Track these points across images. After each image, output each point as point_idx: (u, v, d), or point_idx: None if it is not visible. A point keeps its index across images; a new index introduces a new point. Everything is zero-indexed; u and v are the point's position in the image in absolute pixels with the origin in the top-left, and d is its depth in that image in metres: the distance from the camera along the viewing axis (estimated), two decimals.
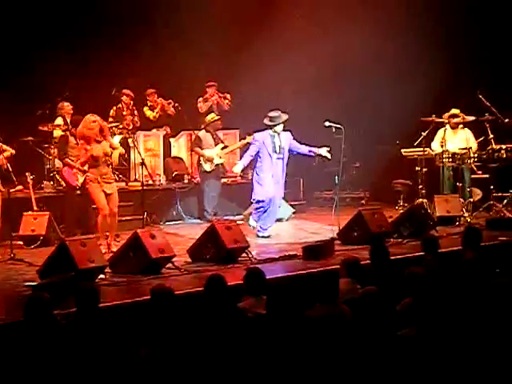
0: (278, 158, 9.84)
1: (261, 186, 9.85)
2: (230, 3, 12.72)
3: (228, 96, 12.74)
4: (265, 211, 9.84)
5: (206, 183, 11.66)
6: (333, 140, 9.89)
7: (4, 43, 11.56)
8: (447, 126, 11.37)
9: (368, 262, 6.92)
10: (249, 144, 11.93)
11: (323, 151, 9.87)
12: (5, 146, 8.78)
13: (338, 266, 6.49)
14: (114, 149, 9.04)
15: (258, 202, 9.86)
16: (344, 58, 12.59)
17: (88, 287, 5.50)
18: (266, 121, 9.83)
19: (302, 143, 10.02)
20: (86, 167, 8.89)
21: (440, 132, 11.42)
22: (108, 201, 8.75)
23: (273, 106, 10.31)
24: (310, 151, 9.94)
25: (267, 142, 9.80)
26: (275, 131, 9.80)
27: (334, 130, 9.77)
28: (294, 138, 9.96)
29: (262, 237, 9.72)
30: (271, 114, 9.83)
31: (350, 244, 9.04)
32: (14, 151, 8.85)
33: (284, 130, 9.91)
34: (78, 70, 12.02)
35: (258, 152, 9.83)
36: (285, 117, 9.82)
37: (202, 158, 11.61)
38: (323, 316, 5.03)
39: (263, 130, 9.89)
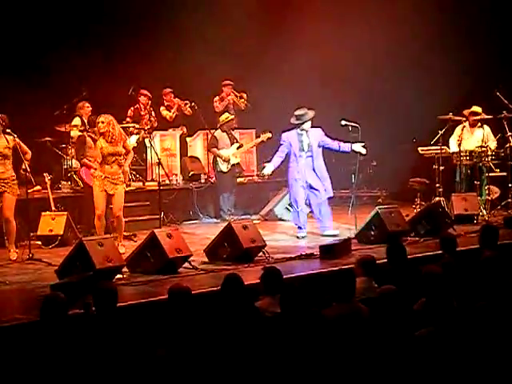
0: (307, 157, 9.71)
1: (291, 187, 9.80)
2: (247, 3, 12.72)
3: (244, 95, 12.75)
4: (296, 211, 9.79)
5: (222, 183, 11.67)
6: (349, 139, 9.87)
7: (22, 44, 11.65)
8: (466, 124, 11.32)
9: (385, 260, 6.89)
10: (263, 142, 12.00)
11: (357, 147, 9.70)
12: (25, 147, 8.81)
13: (354, 265, 6.47)
14: (127, 152, 8.99)
15: (293, 204, 9.83)
16: (361, 56, 12.57)
17: (106, 287, 5.53)
18: (293, 120, 9.72)
19: (334, 139, 9.86)
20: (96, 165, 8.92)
21: (457, 130, 11.37)
22: (111, 203, 8.75)
23: (289, 104, 10.29)
24: (342, 147, 9.74)
25: (294, 142, 9.70)
26: (303, 129, 9.70)
27: (350, 128, 9.75)
28: (326, 134, 9.80)
29: (302, 237, 9.64)
30: (297, 112, 9.72)
31: (367, 243, 9.04)
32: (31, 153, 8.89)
33: (314, 127, 9.78)
34: (96, 70, 12.08)
35: (288, 152, 9.72)
36: (311, 113, 9.69)
37: (218, 159, 11.62)
38: (340, 315, 5.02)
39: (291, 129, 9.79)
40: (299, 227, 9.78)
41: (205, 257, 8.33)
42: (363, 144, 9.77)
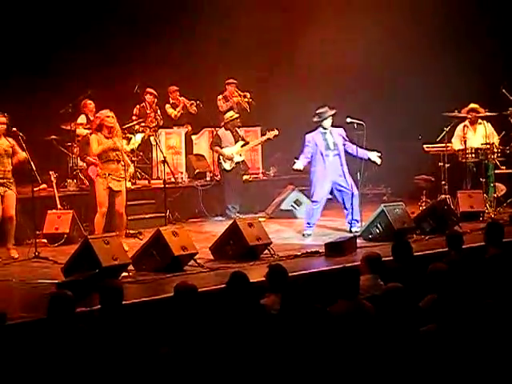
0: (335, 155, 9.66)
1: (315, 188, 9.71)
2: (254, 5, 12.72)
3: (248, 94, 12.74)
4: (312, 208, 9.75)
5: (226, 181, 11.67)
6: (354, 136, 9.86)
7: (27, 42, 11.67)
8: (467, 122, 11.31)
9: (391, 258, 6.89)
10: (269, 140, 12.00)
11: (373, 156, 9.74)
12: (18, 149, 8.81)
13: (359, 263, 6.48)
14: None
15: (313, 202, 9.77)
16: (366, 54, 12.56)
17: (112, 284, 5.54)
18: (315, 118, 9.69)
19: (353, 143, 9.84)
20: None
21: (459, 128, 11.36)
22: (114, 199, 8.76)
23: (295, 101, 10.27)
24: (359, 153, 9.70)
25: (319, 142, 9.65)
26: (325, 127, 9.66)
27: (355, 126, 9.75)
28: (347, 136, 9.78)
29: (308, 235, 9.60)
30: (318, 110, 9.69)
31: (372, 240, 9.04)
32: (26, 156, 8.87)
33: (335, 127, 9.75)
34: (101, 68, 12.09)
35: (315, 151, 9.66)
36: (332, 111, 9.66)
37: (221, 157, 11.63)
38: (344, 312, 5.03)
39: (313, 130, 9.76)
40: (308, 224, 9.71)
41: (210, 254, 8.34)
42: (379, 154, 9.75)
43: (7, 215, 8.59)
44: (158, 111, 12.76)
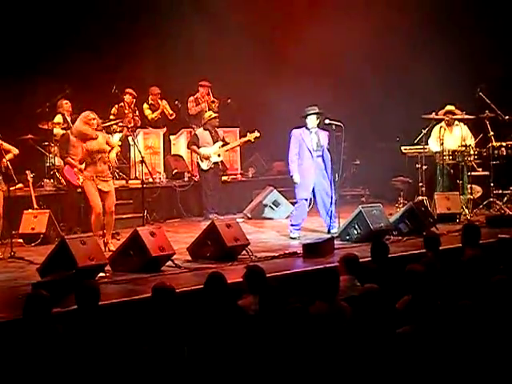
0: (318, 156, 9.61)
1: (298, 186, 9.62)
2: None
3: (216, 101, 12.71)
4: (299, 211, 9.66)
5: (204, 181, 11.66)
6: (333, 138, 9.88)
7: (4, 42, 11.56)
8: (443, 124, 11.38)
9: (369, 259, 6.92)
10: (250, 142, 11.99)
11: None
12: (7, 146, 8.77)
13: (337, 264, 6.49)
14: (111, 148, 8.99)
15: (299, 200, 9.67)
16: (343, 54, 12.59)
17: (89, 285, 5.51)
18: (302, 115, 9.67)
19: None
20: (83, 166, 8.88)
21: (436, 129, 11.42)
22: (104, 199, 8.73)
23: (276, 103, 10.20)
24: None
25: (306, 139, 9.60)
26: (308, 127, 9.60)
27: (333, 127, 9.76)
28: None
29: (292, 238, 9.51)
30: (306, 108, 9.67)
31: (350, 241, 9.06)
32: (17, 151, 8.85)
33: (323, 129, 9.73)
34: (79, 67, 12.01)
35: (300, 150, 9.58)
36: (313, 109, 9.60)
37: (199, 157, 11.61)
38: (322, 313, 5.03)
39: (300, 127, 9.68)
40: (296, 226, 9.63)
41: (188, 255, 8.32)
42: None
43: None
44: (137, 111, 12.72)
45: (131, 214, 10.80)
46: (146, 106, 12.88)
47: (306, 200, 9.65)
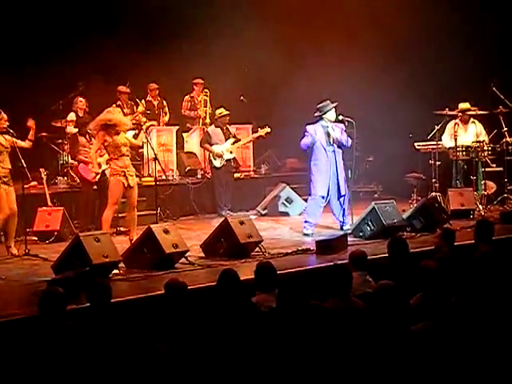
0: (333, 151, 9.56)
1: (317, 182, 9.56)
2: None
3: (209, 106, 12.70)
4: (314, 207, 9.63)
5: (216, 178, 11.67)
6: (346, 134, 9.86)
7: (19, 40, 11.63)
8: (458, 121, 11.34)
9: (382, 255, 6.91)
10: (262, 137, 11.99)
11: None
12: (21, 143, 8.83)
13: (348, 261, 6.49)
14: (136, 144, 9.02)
15: (313, 196, 9.62)
16: (356, 50, 12.57)
17: (100, 282, 5.53)
18: (317, 113, 9.61)
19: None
20: (101, 159, 8.93)
21: (450, 125, 11.38)
22: (129, 194, 8.78)
23: (289, 100, 10.19)
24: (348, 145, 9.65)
25: (320, 135, 9.56)
26: (327, 121, 9.58)
27: (346, 123, 9.74)
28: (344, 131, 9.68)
29: (305, 234, 9.48)
30: (320, 105, 9.63)
31: (363, 238, 9.05)
32: (29, 145, 8.91)
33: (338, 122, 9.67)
34: (93, 65, 12.06)
35: (313, 145, 9.56)
36: (333, 104, 9.59)
37: (211, 154, 11.62)
38: (336, 310, 5.03)
39: (315, 122, 9.65)
40: (310, 223, 9.59)
41: (201, 252, 8.34)
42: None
43: (10, 212, 8.59)
44: (134, 109, 12.60)
45: (144, 211, 10.81)
46: (143, 102, 12.64)
47: (323, 197, 9.60)
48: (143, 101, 12.47)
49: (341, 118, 9.70)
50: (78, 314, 5.51)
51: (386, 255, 6.90)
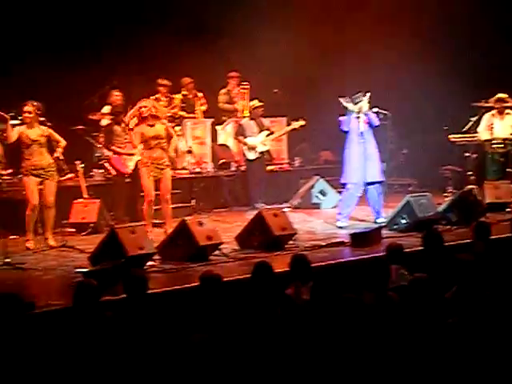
0: (365, 142, 9.54)
1: (347, 170, 9.58)
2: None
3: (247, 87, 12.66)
4: (348, 199, 9.63)
5: (250, 171, 11.68)
6: (381, 126, 9.81)
7: (54, 32, 11.72)
8: (494, 112, 11.20)
9: (418, 248, 6.87)
10: (296, 130, 11.98)
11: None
12: (57, 136, 8.92)
13: (384, 253, 6.46)
14: (171, 136, 9.06)
15: (346, 185, 9.65)
16: (395, 44, 12.48)
17: (137, 274, 5.58)
18: (350, 105, 9.61)
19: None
20: (135, 151, 8.99)
21: (486, 117, 11.25)
22: (160, 187, 8.84)
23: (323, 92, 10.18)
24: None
25: (353, 126, 9.56)
26: (359, 113, 9.57)
27: (381, 115, 9.70)
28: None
29: (339, 227, 9.45)
30: (353, 96, 9.63)
31: (397, 231, 9.01)
32: (65, 143, 9.01)
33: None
34: (128, 58, 12.13)
35: (348, 134, 9.58)
36: (367, 95, 9.58)
37: (245, 147, 11.64)
38: (372, 303, 5.02)
39: (348, 114, 9.66)
40: (343, 215, 9.57)
41: (235, 244, 8.36)
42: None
43: (46, 204, 8.67)
44: (172, 102, 12.64)
45: (179, 203, 10.87)
46: (179, 96, 12.67)
47: (353, 185, 9.59)
48: (180, 94, 12.53)
49: (376, 110, 9.68)
50: (114, 305, 5.56)
51: (421, 248, 6.87)
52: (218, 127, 12.93)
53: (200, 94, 12.68)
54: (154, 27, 12.49)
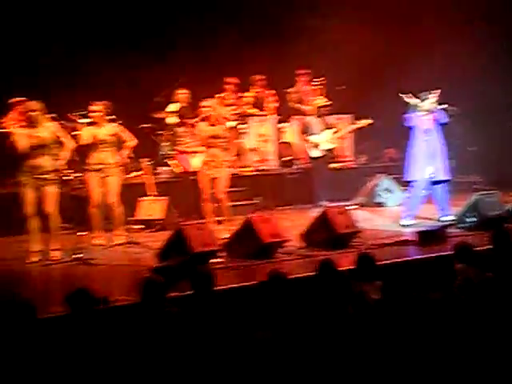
0: (430, 140, 9.50)
1: (412, 167, 9.52)
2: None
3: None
4: (413, 197, 9.56)
5: (315, 169, 11.66)
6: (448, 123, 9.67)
7: (122, 32, 11.91)
8: None
9: (486, 247, 6.76)
10: (362, 128, 11.90)
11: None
12: (128, 135, 9.06)
13: (451, 252, 6.37)
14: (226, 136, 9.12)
15: (410, 183, 9.59)
16: (464, 43, 12.29)
17: (204, 271, 5.64)
18: (413, 101, 9.55)
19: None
20: (199, 149, 9.08)
21: None
22: (215, 185, 8.91)
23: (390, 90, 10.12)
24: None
25: (419, 122, 9.51)
26: (424, 110, 9.49)
27: (448, 112, 9.57)
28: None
29: (405, 225, 9.40)
30: (420, 94, 9.57)
31: (465, 229, 8.87)
32: (135, 143, 9.13)
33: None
34: (196, 56, 12.24)
35: (413, 131, 9.52)
36: (433, 93, 9.50)
37: (309, 144, 11.62)
38: (439, 301, 4.96)
39: (414, 111, 9.60)
40: (409, 213, 9.50)
41: (300, 242, 8.36)
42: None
43: (109, 202, 8.84)
44: (238, 101, 12.71)
45: (243, 201, 10.93)
46: (251, 94, 12.75)
47: (420, 183, 9.46)
48: (251, 92, 12.60)
49: (444, 106, 9.55)
50: (179, 302, 5.62)
51: (489, 247, 6.75)
52: (282, 125, 12.95)
53: (270, 92, 12.73)
54: (222, 25, 12.57)
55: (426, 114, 9.49)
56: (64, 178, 8.61)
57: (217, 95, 12.27)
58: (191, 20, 12.44)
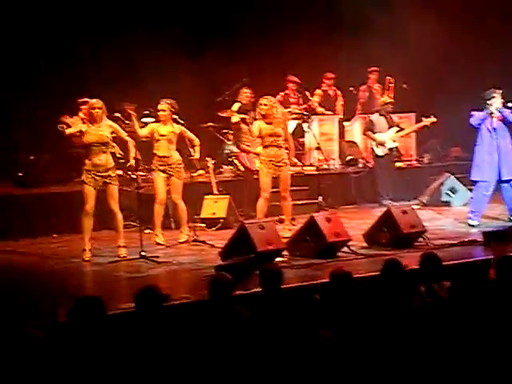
0: (497, 138, 9.33)
1: (478, 167, 9.40)
2: None
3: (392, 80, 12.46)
4: (479, 196, 9.42)
5: (379, 167, 11.57)
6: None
7: (188, 31, 12.03)
8: None
9: None
10: (426, 127, 11.76)
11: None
12: (190, 135, 9.14)
13: None
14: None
15: (477, 183, 9.45)
16: None
17: (273, 268, 5.68)
18: (483, 101, 9.43)
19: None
20: (259, 149, 9.10)
21: None
22: (278, 184, 8.91)
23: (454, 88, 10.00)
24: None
25: (486, 120, 9.35)
26: (491, 110, 9.34)
27: None
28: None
29: (470, 225, 9.27)
30: (485, 93, 9.44)
31: None
32: (198, 142, 9.21)
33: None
34: (261, 55, 12.28)
35: (479, 130, 9.40)
36: (498, 92, 9.37)
37: (374, 142, 11.54)
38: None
39: (481, 109, 9.47)
40: (475, 213, 9.37)
41: (363, 241, 8.32)
42: None
43: (172, 201, 8.96)
44: (300, 99, 12.70)
45: (306, 200, 10.92)
46: (319, 91, 12.74)
47: (485, 182, 9.31)
48: (319, 90, 12.60)
49: (510, 105, 9.36)
50: (245, 300, 5.67)
51: None
52: (345, 123, 12.89)
53: (339, 92, 12.70)
54: (288, 23, 12.57)
55: (492, 112, 9.32)
56: (132, 176, 8.74)
57: (281, 93, 12.35)
58: (258, 18, 12.45)
